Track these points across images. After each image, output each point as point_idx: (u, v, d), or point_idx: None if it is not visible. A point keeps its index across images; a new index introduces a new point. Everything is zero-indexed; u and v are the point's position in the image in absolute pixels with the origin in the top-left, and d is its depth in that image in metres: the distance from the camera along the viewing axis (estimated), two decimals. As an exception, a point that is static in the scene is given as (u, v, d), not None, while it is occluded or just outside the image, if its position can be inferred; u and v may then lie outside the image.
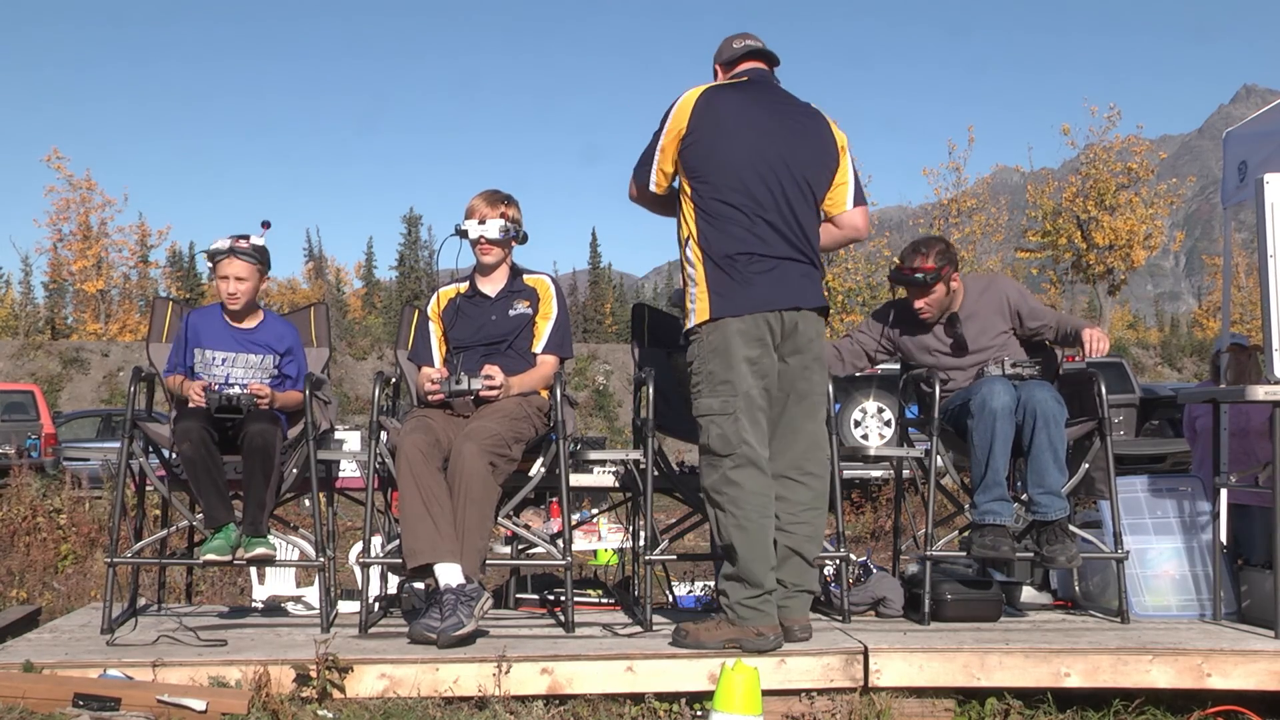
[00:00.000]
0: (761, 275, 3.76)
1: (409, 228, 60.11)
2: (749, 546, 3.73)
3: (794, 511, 3.87)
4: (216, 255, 4.38)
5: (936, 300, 4.49)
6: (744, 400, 3.74)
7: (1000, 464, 4.23)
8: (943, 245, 4.51)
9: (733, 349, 3.74)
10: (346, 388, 27.09)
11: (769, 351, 3.79)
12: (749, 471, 3.74)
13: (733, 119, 3.81)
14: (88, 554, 7.76)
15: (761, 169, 3.79)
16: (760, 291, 3.75)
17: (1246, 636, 4.07)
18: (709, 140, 3.79)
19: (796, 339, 3.82)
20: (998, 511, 4.22)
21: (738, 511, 3.74)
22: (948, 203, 34.70)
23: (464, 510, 3.92)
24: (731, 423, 3.74)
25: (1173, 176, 39.32)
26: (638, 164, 3.96)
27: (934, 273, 4.41)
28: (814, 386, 3.91)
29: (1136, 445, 12.56)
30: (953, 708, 3.76)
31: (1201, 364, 31.77)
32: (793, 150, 3.85)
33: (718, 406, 3.76)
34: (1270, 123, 4.96)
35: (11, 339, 33.49)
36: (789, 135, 3.86)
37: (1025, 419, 4.23)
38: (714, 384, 3.77)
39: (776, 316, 3.78)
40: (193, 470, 4.11)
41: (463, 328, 4.38)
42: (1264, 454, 4.62)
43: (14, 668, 3.56)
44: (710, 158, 3.79)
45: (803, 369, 3.86)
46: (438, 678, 3.61)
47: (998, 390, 4.24)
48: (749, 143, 3.80)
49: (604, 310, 60.42)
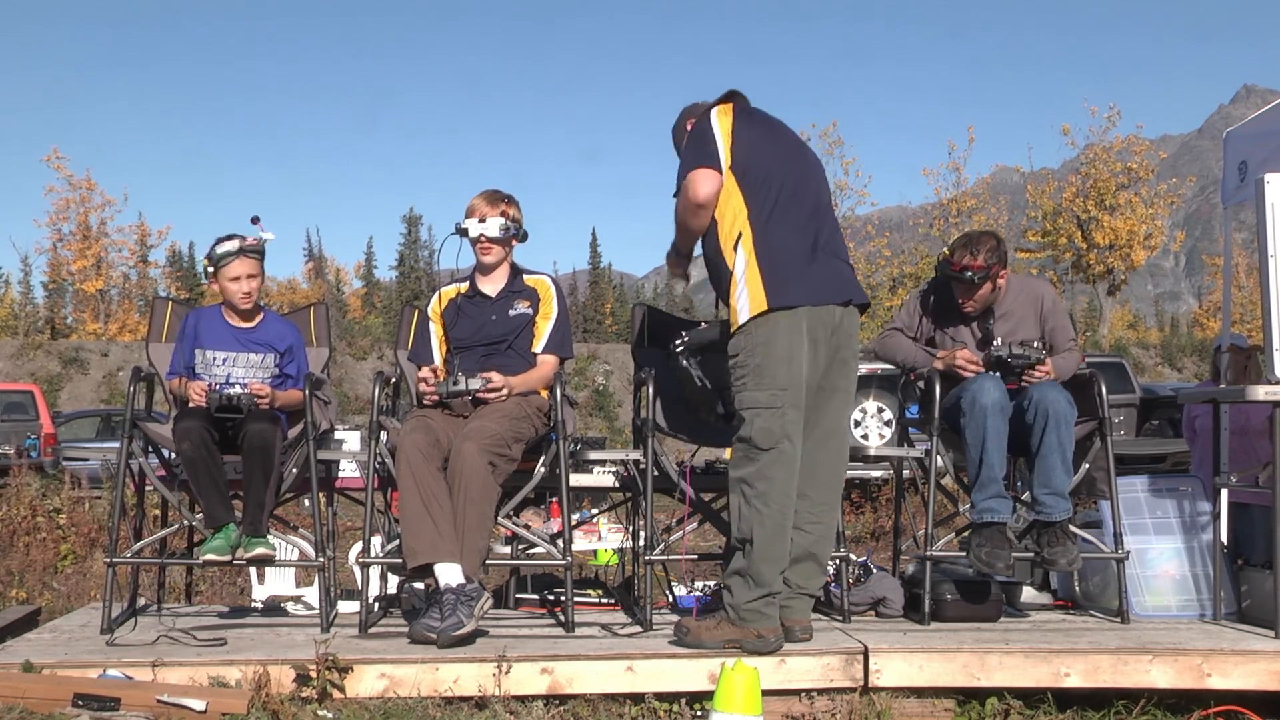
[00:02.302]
0: (815, 270, 3.78)
1: (409, 228, 60.18)
2: (765, 543, 3.71)
3: (813, 510, 3.87)
4: (226, 258, 4.36)
5: (982, 297, 4.44)
6: (792, 395, 3.74)
7: (995, 459, 4.21)
8: (994, 242, 4.41)
9: (784, 343, 3.71)
10: (346, 388, 27.09)
11: (817, 346, 3.78)
12: (784, 469, 3.74)
13: (767, 127, 3.92)
14: (88, 554, 7.76)
15: (805, 172, 3.91)
16: (814, 286, 3.77)
17: (1246, 636, 4.07)
18: (757, 143, 3.84)
19: (841, 334, 3.84)
20: (995, 509, 4.20)
21: (764, 508, 3.72)
22: (948, 203, 34.71)
23: (464, 510, 3.92)
24: (778, 417, 3.72)
25: (1173, 176, 39.35)
26: (696, 159, 3.79)
27: (983, 271, 4.34)
28: (850, 383, 3.92)
29: (1136, 445, 12.56)
30: (953, 708, 3.76)
31: (1201, 364, 31.76)
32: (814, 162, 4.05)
33: (765, 400, 3.72)
34: (1270, 123, 4.96)
35: (11, 339, 33.49)
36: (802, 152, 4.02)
37: (1036, 417, 4.20)
38: (761, 377, 3.73)
39: (829, 311, 3.79)
40: (193, 470, 4.11)
41: (463, 327, 4.38)
42: (1264, 454, 4.63)
43: (14, 668, 3.56)
44: (761, 159, 3.83)
45: (843, 364, 3.87)
46: (438, 678, 3.61)
47: (986, 386, 4.23)
48: (788, 149, 3.93)
49: (604, 310, 60.46)
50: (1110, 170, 34.39)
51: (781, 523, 3.74)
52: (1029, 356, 4.33)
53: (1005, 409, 4.23)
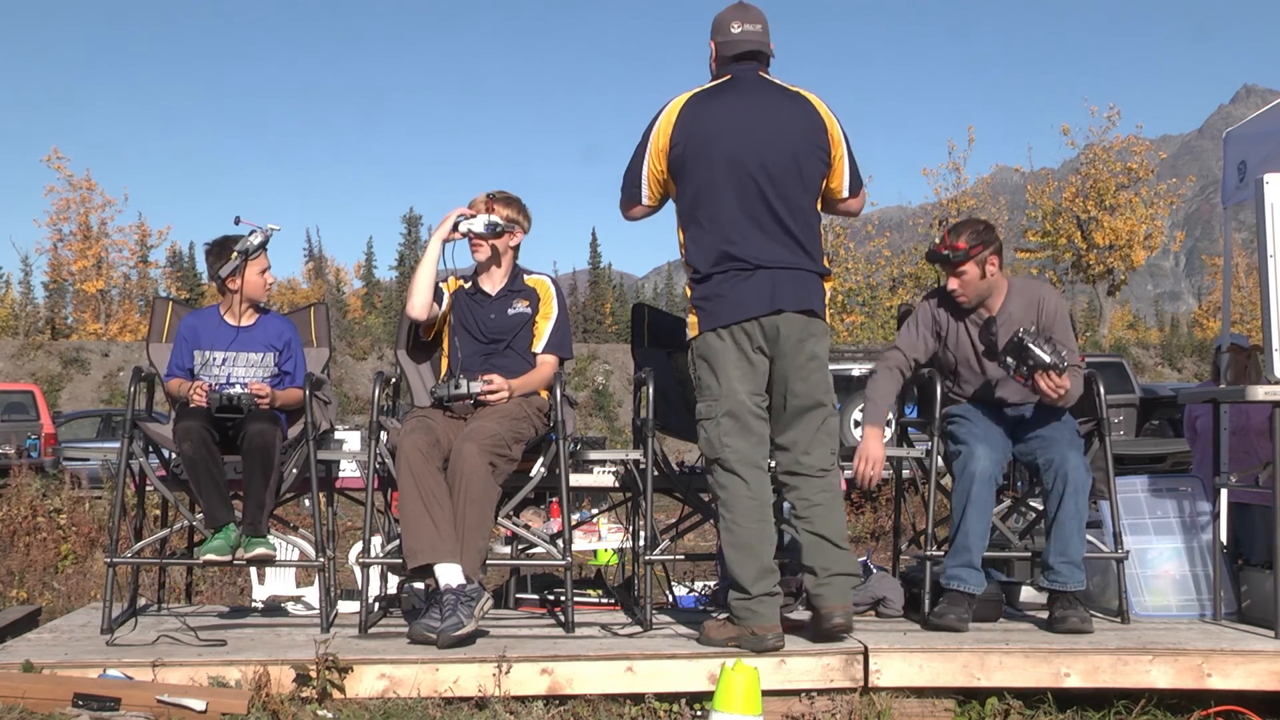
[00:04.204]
0: (740, 284, 3.79)
1: (409, 228, 60.17)
2: (734, 549, 3.80)
3: (808, 498, 3.87)
4: (257, 251, 4.40)
5: (970, 283, 4.26)
6: (725, 406, 3.81)
7: (973, 529, 4.11)
8: (980, 226, 4.32)
9: (715, 359, 3.83)
10: (346, 388, 27.09)
11: (752, 358, 3.81)
12: (734, 477, 3.81)
13: (713, 128, 3.83)
14: (88, 554, 7.77)
15: (741, 176, 3.80)
16: (737, 301, 3.79)
17: (1246, 636, 4.07)
18: (690, 153, 3.83)
19: (781, 343, 3.83)
20: (964, 579, 4.12)
21: (727, 514, 3.83)
22: (948, 203, 34.70)
23: (464, 510, 3.92)
24: (715, 427, 3.83)
25: (1173, 176, 39.36)
26: (625, 182, 4.00)
27: (963, 252, 4.21)
28: (811, 386, 3.86)
29: (1136, 445, 12.56)
30: (953, 708, 3.76)
31: (1201, 364, 31.75)
32: (778, 150, 3.82)
33: (704, 411, 3.88)
34: (1270, 123, 4.96)
35: (11, 339, 33.49)
36: (773, 134, 3.83)
37: (1055, 482, 4.10)
38: (701, 390, 3.90)
39: (754, 325, 3.79)
40: (193, 470, 4.11)
41: (463, 321, 4.38)
42: (1264, 454, 4.62)
43: (14, 668, 3.56)
44: (691, 171, 3.83)
45: (796, 369, 3.85)
46: (438, 678, 3.61)
47: (978, 453, 4.11)
48: (729, 150, 3.81)
49: (604, 310, 60.47)
50: (1110, 170, 34.40)
51: (749, 527, 3.78)
52: (1046, 357, 4.03)
53: (994, 479, 4.13)
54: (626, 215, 4.09)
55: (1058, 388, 4.08)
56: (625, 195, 4.02)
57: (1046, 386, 4.08)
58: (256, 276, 4.43)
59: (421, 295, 4.32)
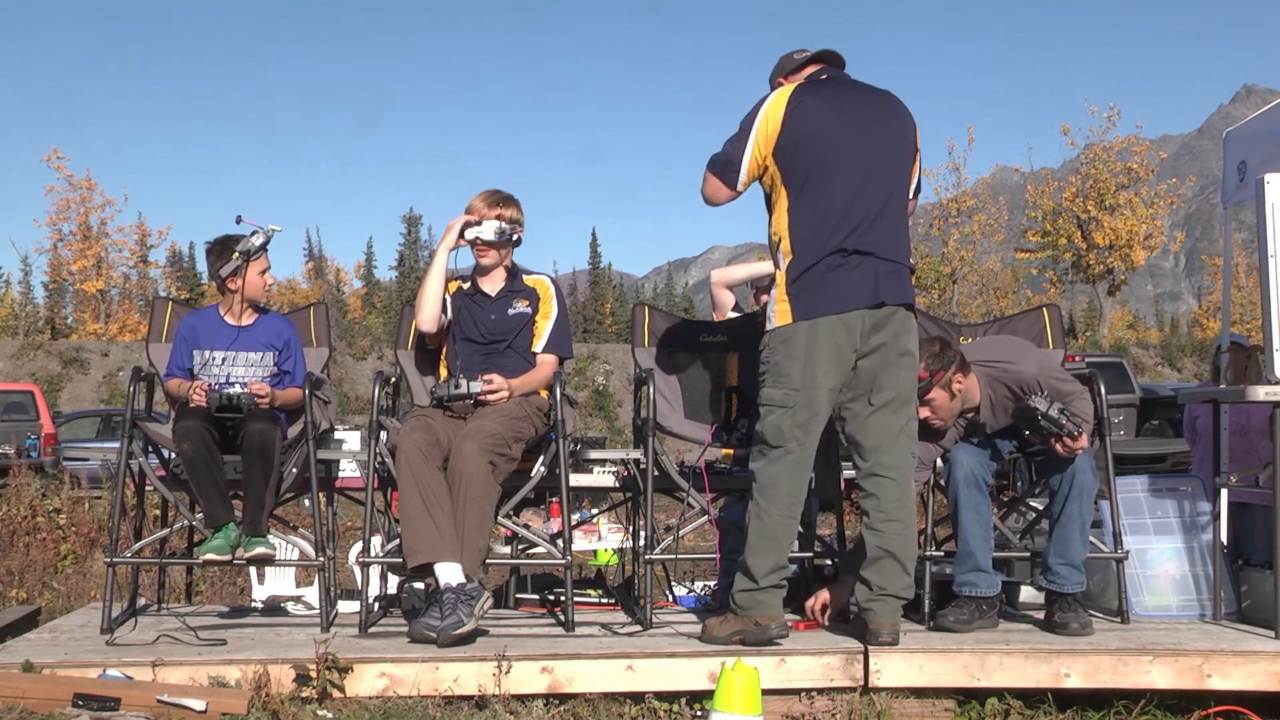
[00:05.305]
0: (842, 276, 3.73)
1: (409, 228, 60.20)
2: (760, 538, 3.77)
3: (884, 509, 3.80)
4: (259, 252, 4.40)
5: (941, 408, 4.11)
6: (804, 397, 3.74)
7: (970, 533, 4.11)
8: (935, 348, 4.08)
9: (804, 348, 3.74)
10: (346, 388, 27.10)
11: (844, 353, 3.75)
12: (789, 467, 3.76)
13: (822, 119, 3.80)
14: (88, 554, 7.77)
15: (853, 169, 3.79)
16: (841, 292, 3.73)
17: (1246, 637, 4.07)
18: (801, 142, 3.77)
19: (880, 336, 3.78)
20: (974, 583, 4.12)
21: (763, 501, 3.78)
22: (948, 203, 34.75)
23: (464, 509, 3.92)
24: (787, 417, 3.75)
25: (1173, 176, 39.39)
26: (720, 164, 3.87)
27: (925, 382, 4.01)
28: (899, 383, 3.82)
29: (1136, 445, 12.58)
30: (953, 708, 3.76)
31: (1201, 364, 31.76)
32: (881, 149, 3.86)
33: (778, 398, 3.77)
34: (1270, 123, 4.96)
35: (11, 339, 33.51)
36: (877, 133, 3.87)
37: (1061, 484, 4.11)
38: (778, 375, 3.78)
39: (856, 317, 3.74)
40: (193, 470, 4.11)
41: (463, 322, 4.38)
42: (1264, 454, 4.62)
43: (14, 668, 3.55)
44: (801, 159, 3.78)
45: (888, 365, 3.80)
46: (438, 677, 3.61)
47: (959, 459, 4.12)
48: (839, 143, 3.79)
49: (604, 310, 60.46)
50: (1110, 170, 34.43)
51: (779, 520, 3.76)
52: (1063, 425, 3.98)
53: (981, 480, 4.12)
54: (713, 199, 3.96)
55: (1075, 450, 4.05)
56: (720, 178, 3.88)
57: (1064, 451, 4.06)
58: (257, 277, 4.44)
59: (430, 309, 4.33)
